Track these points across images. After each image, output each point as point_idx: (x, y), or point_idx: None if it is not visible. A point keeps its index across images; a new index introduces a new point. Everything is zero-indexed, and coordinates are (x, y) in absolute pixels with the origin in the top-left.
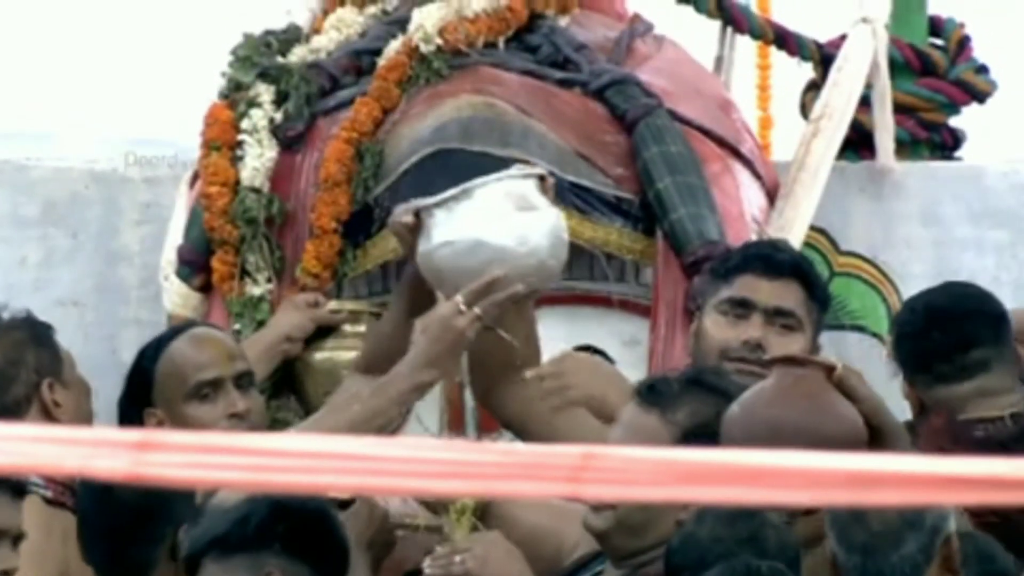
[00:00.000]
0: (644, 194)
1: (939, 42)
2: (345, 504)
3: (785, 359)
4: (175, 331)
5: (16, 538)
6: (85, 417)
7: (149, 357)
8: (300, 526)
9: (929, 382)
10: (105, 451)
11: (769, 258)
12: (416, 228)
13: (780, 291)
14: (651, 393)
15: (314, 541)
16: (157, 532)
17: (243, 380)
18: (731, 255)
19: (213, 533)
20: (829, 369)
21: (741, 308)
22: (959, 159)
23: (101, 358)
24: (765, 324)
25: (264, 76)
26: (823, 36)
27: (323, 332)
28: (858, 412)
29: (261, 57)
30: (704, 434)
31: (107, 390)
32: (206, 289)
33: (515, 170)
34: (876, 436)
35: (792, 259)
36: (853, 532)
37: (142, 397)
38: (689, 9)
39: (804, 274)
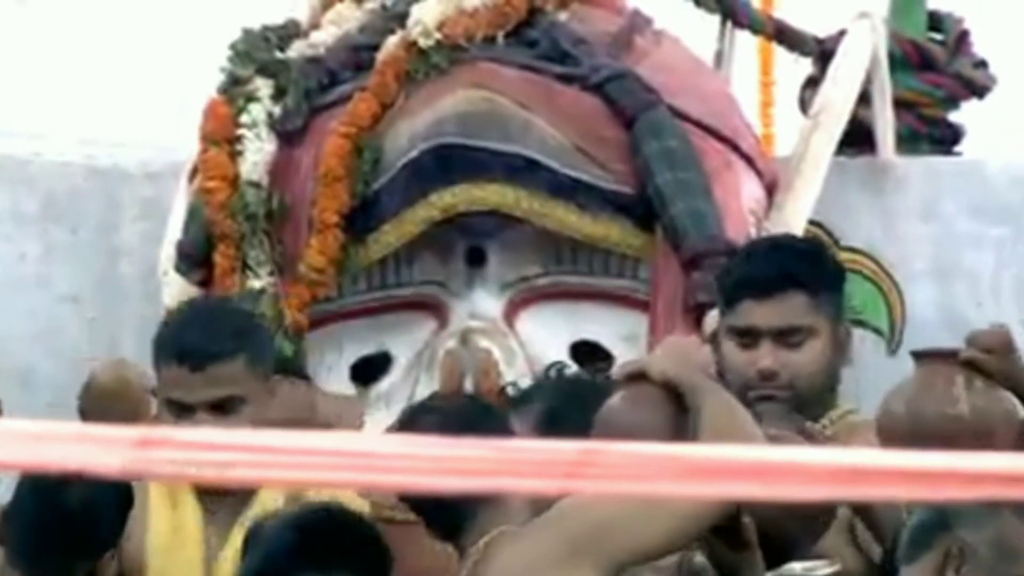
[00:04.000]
0: (643, 189)
1: (939, 37)
2: None
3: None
4: None
5: None
6: None
7: None
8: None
9: None
10: (106, 449)
11: (760, 279)
12: None
13: (780, 310)
14: None
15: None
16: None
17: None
18: (728, 269)
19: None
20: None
21: (747, 336)
22: (959, 154)
23: (101, 354)
24: (774, 348)
25: (263, 71)
26: (822, 31)
27: None
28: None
29: (260, 52)
30: None
31: None
32: (205, 284)
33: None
34: None
35: (781, 271)
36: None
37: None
38: (689, 4)
39: (799, 279)
